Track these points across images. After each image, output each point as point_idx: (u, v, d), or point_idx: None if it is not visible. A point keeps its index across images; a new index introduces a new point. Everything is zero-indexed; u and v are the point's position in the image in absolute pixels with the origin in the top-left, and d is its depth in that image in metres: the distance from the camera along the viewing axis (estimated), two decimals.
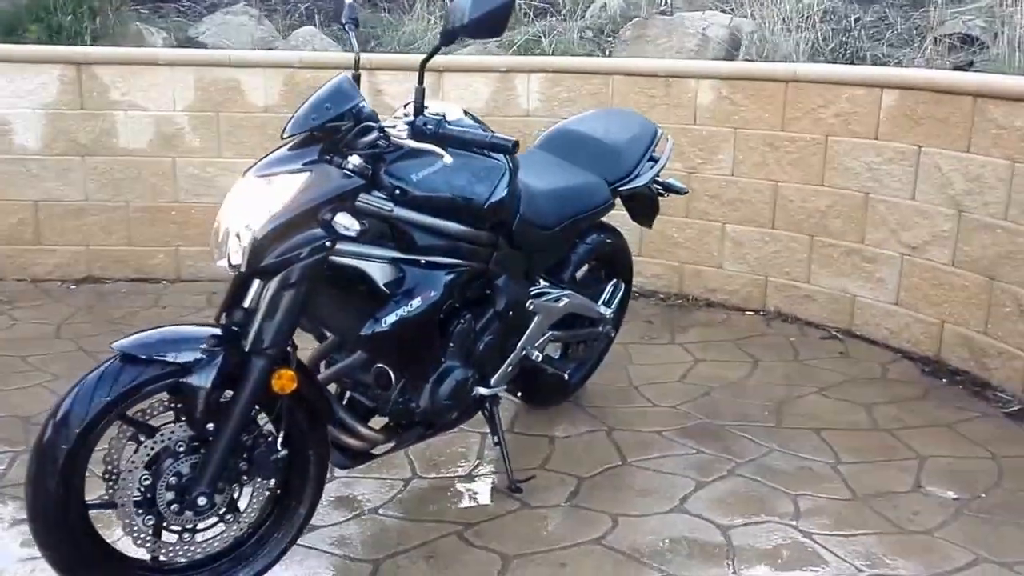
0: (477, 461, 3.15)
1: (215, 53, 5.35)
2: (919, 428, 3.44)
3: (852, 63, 5.19)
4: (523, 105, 5.03)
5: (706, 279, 4.89)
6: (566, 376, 3.16)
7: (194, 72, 5.03)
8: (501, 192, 2.60)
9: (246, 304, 2.27)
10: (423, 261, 2.45)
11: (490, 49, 5.75)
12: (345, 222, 2.24)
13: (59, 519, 2.14)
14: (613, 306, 3.35)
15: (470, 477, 3.06)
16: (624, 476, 3.07)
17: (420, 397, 2.59)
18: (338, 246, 2.27)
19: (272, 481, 2.37)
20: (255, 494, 2.35)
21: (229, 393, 2.24)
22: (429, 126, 2.32)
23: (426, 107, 2.48)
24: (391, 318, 2.38)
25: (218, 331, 2.25)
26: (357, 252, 2.33)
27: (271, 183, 2.21)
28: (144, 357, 2.16)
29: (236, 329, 2.26)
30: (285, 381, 2.24)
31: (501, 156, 2.60)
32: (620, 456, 3.20)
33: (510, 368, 2.93)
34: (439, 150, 2.30)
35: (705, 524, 2.80)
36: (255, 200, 2.20)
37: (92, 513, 2.23)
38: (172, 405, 2.24)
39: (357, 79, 2.51)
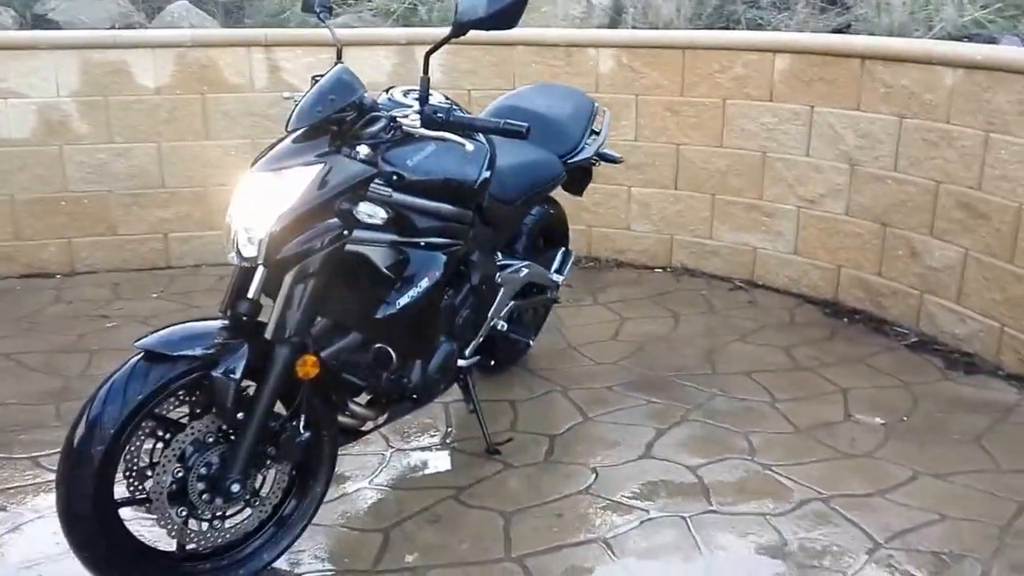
0: (448, 429, 3.27)
1: (100, 34, 5.15)
2: (835, 364, 3.78)
3: (728, 27, 5.50)
4: None
5: (615, 241, 5.12)
6: (531, 342, 3.31)
7: (78, 55, 4.82)
8: (487, 172, 2.71)
9: (250, 295, 2.30)
10: (423, 243, 2.54)
11: (377, 22, 5.77)
12: (369, 210, 2.31)
13: (96, 519, 2.15)
14: (565, 273, 3.52)
15: (447, 445, 3.17)
16: (590, 430, 3.26)
17: (412, 373, 2.68)
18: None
19: (290, 463, 2.42)
20: (277, 477, 2.41)
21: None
22: (439, 114, 2.39)
23: (407, 92, 2.56)
24: (403, 300, 2.47)
25: (231, 323, 2.28)
26: (363, 239, 2.39)
27: (283, 176, 2.23)
28: (172, 353, 2.17)
29: (249, 320, 2.30)
30: (309, 367, 2.31)
31: (482, 138, 2.70)
32: (581, 413, 3.38)
33: (481, 339, 3.06)
34: (458, 138, 2.37)
35: (675, 466, 3.02)
36: (268, 193, 2.23)
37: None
38: (190, 398, 2.26)
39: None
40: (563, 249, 3.58)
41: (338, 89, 2.30)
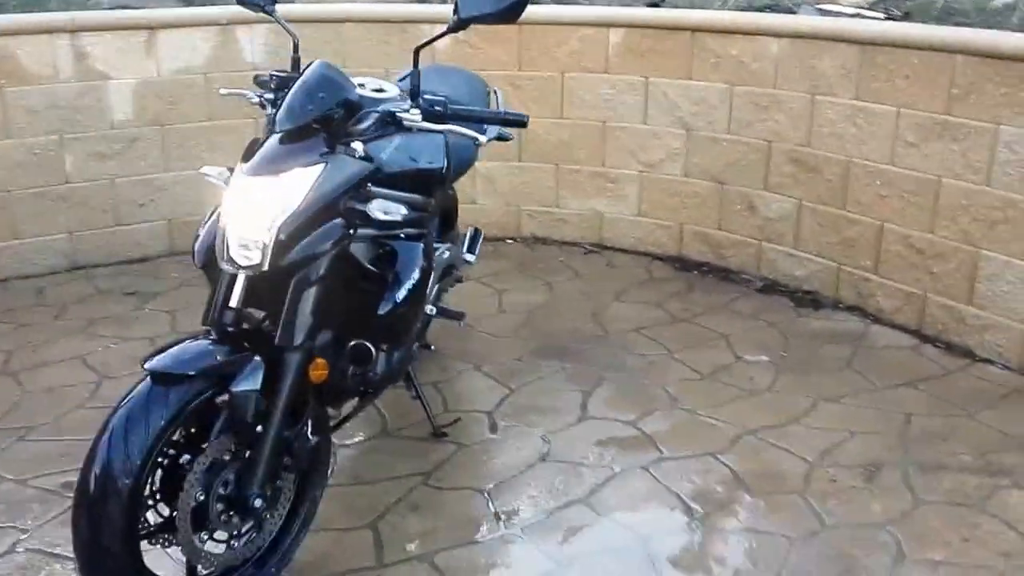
0: (384, 419, 3.30)
1: None
2: (704, 314, 4.16)
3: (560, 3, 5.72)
4: (248, 59, 4.92)
5: (462, 216, 5.24)
6: (463, 322, 3.39)
7: None
8: (446, 160, 2.76)
9: (233, 304, 2.25)
10: (403, 235, 2.56)
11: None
12: (385, 207, 2.30)
13: (126, 553, 2.05)
14: (476, 251, 3.62)
15: (390, 435, 3.21)
16: (521, 401, 3.41)
17: (377, 365, 2.71)
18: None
19: (301, 470, 2.40)
20: (285, 486, 2.38)
21: None
22: (438, 107, 2.40)
23: (363, 84, 2.56)
24: (401, 293, 2.48)
25: (224, 335, 2.22)
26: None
27: (282, 178, 2.18)
28: (189, 372, 2.09)
29: (247, 329, 2.25)
30: (320, 371, 2.29)
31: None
32: (504, 386, 3.52)
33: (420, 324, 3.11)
34: (471, 132, 2.40)
35: (615, 423, 3.25)
36: (267, 198, 2.17)
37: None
38: (205, 418, 2.19)
39: (298, 61, 2.51)
40: (473, 228, 3.67)
41: (327, 86, 2.27)
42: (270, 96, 2.51)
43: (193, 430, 2.22)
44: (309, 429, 2.36)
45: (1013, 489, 2.81)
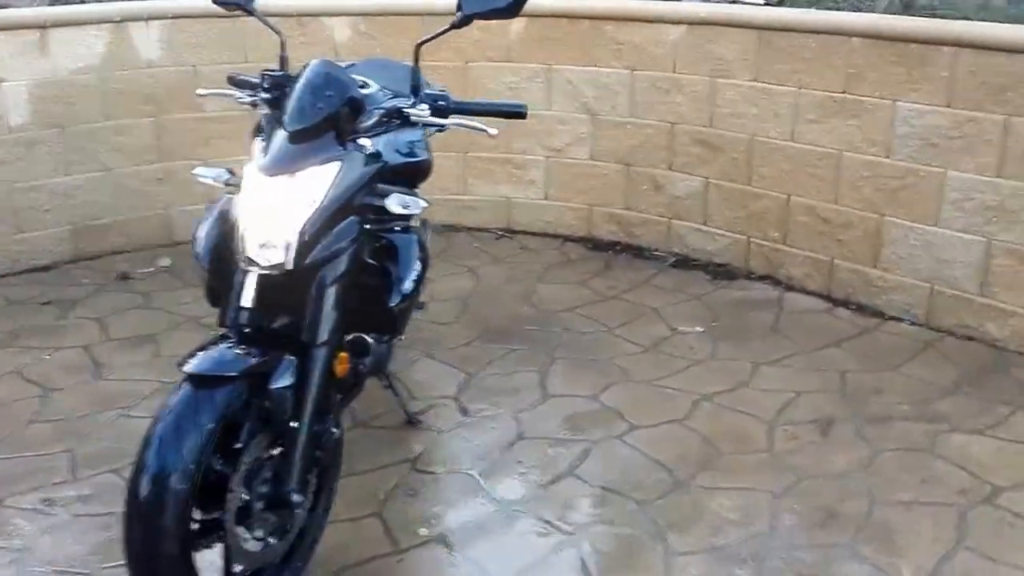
0: (354, 411, 3.28)
1: None
2: (630, 290, 4.34)
3: None
4: (144, 56, 4.75)
5: None
6: (422, 310, 3.41)
7: None
8: (429, 154, 2.78)
9: (248, 304, 2.23)
10: (398, 228, 2.57)
11: None
12: (403, 202, 2.30)
13: (181, 559, 2.01)
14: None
15: (368, 425, 3.20)
16: (483, 384, 3.47)
17: (369, 357, 2.72)
18: None
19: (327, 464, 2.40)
20: (311, 478, 2.37)
21: None
22: (441, 102, 2.42)
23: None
24: (409, 284, 2.49)
25: (250, 335, 2.20)
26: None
27: (300, 177, 2.17)
28: (231, 374, 2.06)
29: (270, 329, 2.24)
30: (344, 364, 2.31)
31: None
32: (461, 371, 3.57)
33: None
34: (481, 125, 2.42)
35: (576, 399, 3.37)
36: (287, 197, 2.16)
37: None
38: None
39: (285, 60, 2.49)
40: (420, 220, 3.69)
41: (334, 84, 2.26)
42: (265, 95, 2.46)
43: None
44: (331, 423, 2.35)
45: (953, 433, 3.12)
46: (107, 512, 2.70)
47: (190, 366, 2.07)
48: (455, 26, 2.39)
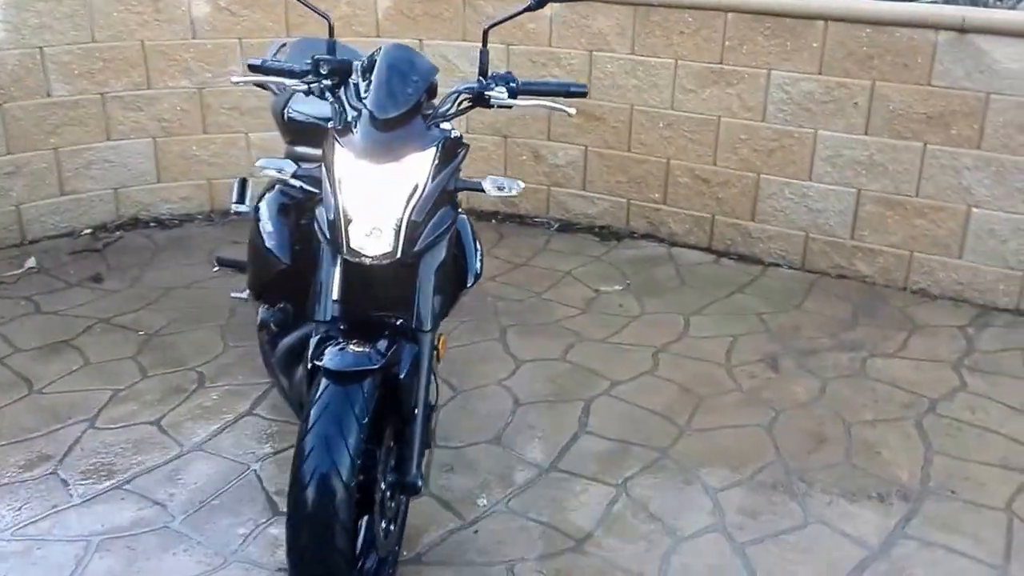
0: None
1: None
2: (533, 256, 4.53)
3: None
4: None
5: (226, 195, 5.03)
6: None
7: None
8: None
9: (336, 296, 2.25)
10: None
11: None
12: (499, 183, 2.34)
13: (351, 557, 2.02)
14: None
15: None
16: (456, 357, 3.51)
17: None
18: None
19: None
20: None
21: None
22: (512, 83, 2.45)
23: None
24: (478, 263, 2.54)
25: (346, 325, 2.22)
26: None
27: (403, 164, 2.17)
28: (368, 368, 2.06)
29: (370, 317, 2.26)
30: (444, 346, 2.35)
31: None
32: None
33: None
34: (560, 106, 2.47)
35: (549, 363, 3.54)
36: (392, 185, 2.16)
37: None
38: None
39: (333, 47, 2.45)
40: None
41: (417, 69, 2.27)
42: (327, 82, 2.39)
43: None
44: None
45: (875, 358, 3.62)
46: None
47: (331, 363, 2.05)
48: (530, 8, 2.44)
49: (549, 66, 4.76)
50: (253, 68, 2.49)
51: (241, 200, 3.55)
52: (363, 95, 2.26)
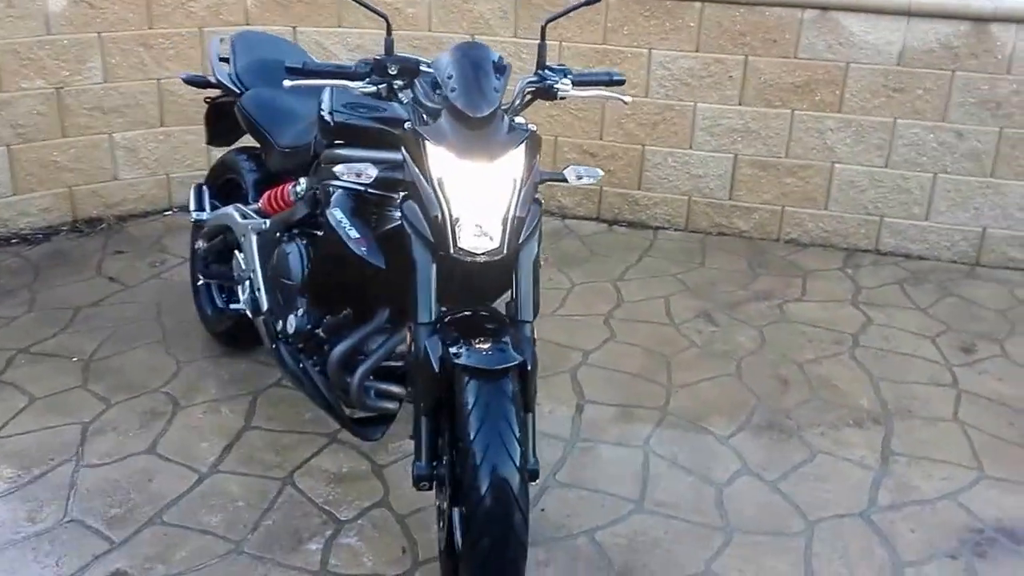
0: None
1: None
2: None
3: None
4: None
5: (104, 195, 4.70)
6: None
7: None
8: None
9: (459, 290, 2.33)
10: None
11: None
12: (579, 172, 2.43)
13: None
14: None
15: None
16: None
17: None
18: None
19: None
20: None
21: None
22: (569, 75, 2.52)
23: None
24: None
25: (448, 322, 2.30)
26: None
27: (501, 161, 2.23)
28: (510, 364, 2.15)
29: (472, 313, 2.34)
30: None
31: None
32: None
33: None
34: (618, 95, 2.56)
35: None
36: (497, 183, 2.22)
37: None
38: None
39: (391, 45, 2.44)
40: None
41: (496, 65, 2.32)
42: (398, 83, 2.38)
43: None
44: None
45: (788, 303, 4.07)
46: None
47: (479, 362, 2.12)
48: (588, 2, 2.54)
49: (431, 50, 4.81)
50: (295, 72, 2.42)
51: (201, 207, 3.40)
52: (438, 95, 2.29)
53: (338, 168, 2.33)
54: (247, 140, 3.71)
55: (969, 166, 4.46)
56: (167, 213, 4.77)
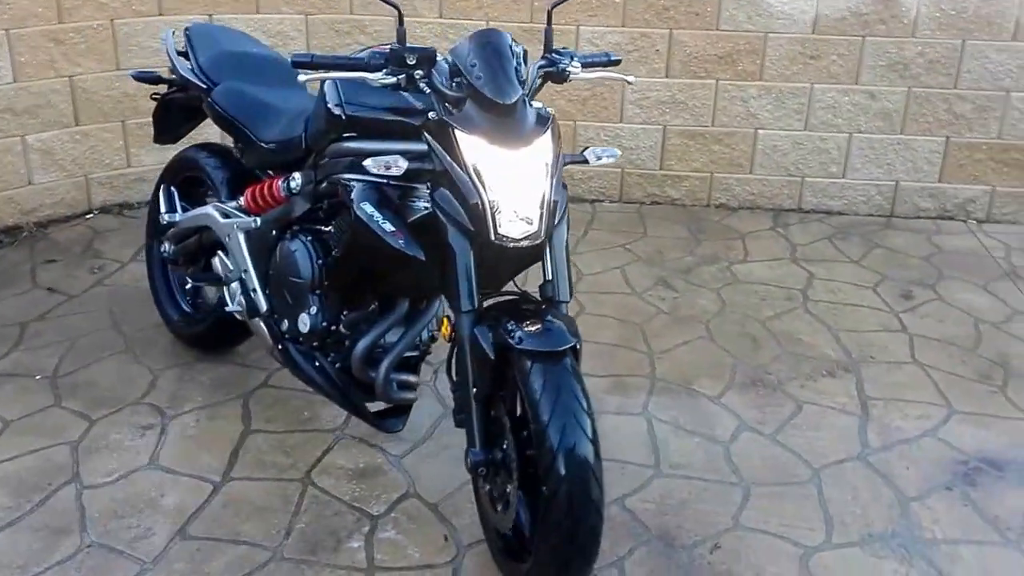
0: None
1: None
2: None
3: None
4: None
5: (20, 202, 4.45)
6: None
7: None
8: None
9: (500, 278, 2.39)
10: None
11: None
12: (598, 153, 2.47)
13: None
14: None
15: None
16: None
17: None
18: None
19: None
20: None
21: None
22: (577, 58, 2.54)
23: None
24: None
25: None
26: None
27: (535, 146, 2.26)
28: (566, 346, 2.20)
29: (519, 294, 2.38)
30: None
31: None
32: None
33: None
34: (623, 76, 2.59)
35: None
36: (533, 168, 2.26)
37: None
38: None
39: (404, 35, 2.43)
40: None
41: (515, 51, 2.34)
42: (418, 73, 2.36)
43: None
44: None
45: (735, 265, 4.26)
46: None
47: (540, 346, 2.16)
48: None
49: (354, 34, 4.75)
50: (305, 65, 2.38)
51: (172, 209, 3.28)
52: (456, 83, 2.29)
53: (367, 162, 2.30)
54: (197, 137, 3.62)
55: (881, 124, 4.76)
56: (88, 216, 4.55)
